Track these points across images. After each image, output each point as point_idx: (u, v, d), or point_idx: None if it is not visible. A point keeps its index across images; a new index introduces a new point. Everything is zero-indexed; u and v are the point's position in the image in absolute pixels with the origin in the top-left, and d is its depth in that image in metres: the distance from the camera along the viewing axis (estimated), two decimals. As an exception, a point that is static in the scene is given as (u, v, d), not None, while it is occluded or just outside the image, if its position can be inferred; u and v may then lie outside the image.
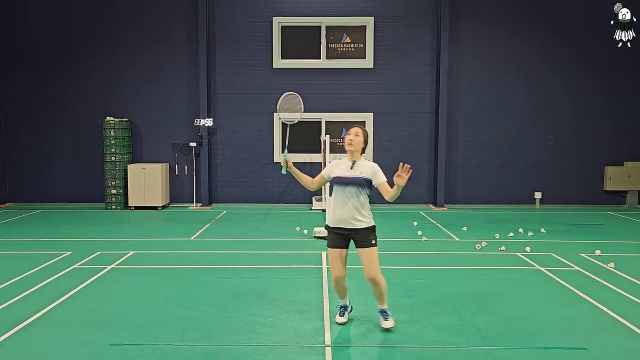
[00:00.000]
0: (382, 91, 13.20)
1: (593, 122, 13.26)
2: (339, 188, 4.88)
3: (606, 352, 4.61)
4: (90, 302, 5.90)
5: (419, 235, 9.60)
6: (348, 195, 4.84)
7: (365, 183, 4.88)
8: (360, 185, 4.85)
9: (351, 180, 4.85)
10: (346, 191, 4.85)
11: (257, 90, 13.19)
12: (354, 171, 4.90)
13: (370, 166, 4.96)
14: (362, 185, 4.86)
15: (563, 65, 13.16)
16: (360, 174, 4.87)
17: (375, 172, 4.93)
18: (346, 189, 4.85)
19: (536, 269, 7.36)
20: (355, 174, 4.87)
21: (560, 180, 13.39)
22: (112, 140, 12.58)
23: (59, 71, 13.12)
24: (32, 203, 13.42)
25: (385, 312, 5.12)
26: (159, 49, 13.10)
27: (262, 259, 7.90)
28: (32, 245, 8.85)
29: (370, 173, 4.91)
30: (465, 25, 13.08)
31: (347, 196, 4.84)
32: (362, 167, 4.93)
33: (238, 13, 13.07)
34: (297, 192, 13.45)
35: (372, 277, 4.91)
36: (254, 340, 4.84)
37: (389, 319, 5.09)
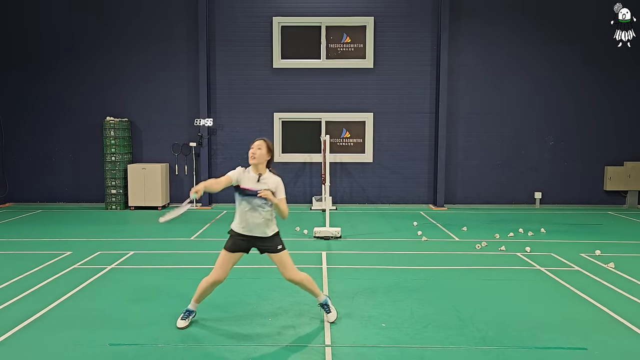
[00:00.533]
0: (382, 91, 13.20)
1: (593, 122, 13.26)
2: (245, 199, 4.87)
3: (606, 352, 4.61)
4: (91, 302, 5.90)
5: (419, 235, 9.60)
6: (256, 207, 4.86)
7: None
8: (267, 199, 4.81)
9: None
10: (253, 203, 4.85)
11: (257, 90, 13.19)
12: (261, 184, 4.87)
13: (275, 180, 4.96)
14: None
15: (563, 65, 13.16)
16: (268, 188, 4.84)
17: (278, 187, 4.93)
18: (253, 200, 4.84)
19: (536, 269, 7.36)
20: (261, 187, 4.84)
21: (560, 180, 13.39)
22: (112, 140, 12.58)
23: (59, 71, 13.12)
24: (32, 203, 13.42)
25: (325, 305, 5.29)
26: (159, 49, 13.10)
27: (262, 259, 7.86)
28: (32, 245, 8.84)
29: (274, 187, 4.89)
30: (465, 25, 13.08)
31: (256, 208, 4.86)
32: (268, 180, 4.92)
33: (238, 13, 13.07)
34: (297, 192, 13.46)
35: (290, 279, 5.09)
36: (254, 340, 4.84)
37: (331, 310, 5.28)
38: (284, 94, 13.21)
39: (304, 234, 9.65)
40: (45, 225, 10.67)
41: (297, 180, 13.40)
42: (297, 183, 13.37)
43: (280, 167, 13.42)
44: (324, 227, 9.42)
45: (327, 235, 9.24)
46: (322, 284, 6.59)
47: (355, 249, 8.55)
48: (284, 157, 13.37)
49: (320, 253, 8.20)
